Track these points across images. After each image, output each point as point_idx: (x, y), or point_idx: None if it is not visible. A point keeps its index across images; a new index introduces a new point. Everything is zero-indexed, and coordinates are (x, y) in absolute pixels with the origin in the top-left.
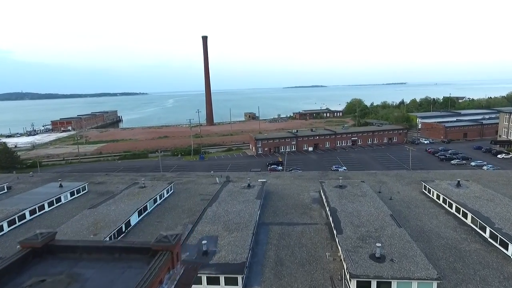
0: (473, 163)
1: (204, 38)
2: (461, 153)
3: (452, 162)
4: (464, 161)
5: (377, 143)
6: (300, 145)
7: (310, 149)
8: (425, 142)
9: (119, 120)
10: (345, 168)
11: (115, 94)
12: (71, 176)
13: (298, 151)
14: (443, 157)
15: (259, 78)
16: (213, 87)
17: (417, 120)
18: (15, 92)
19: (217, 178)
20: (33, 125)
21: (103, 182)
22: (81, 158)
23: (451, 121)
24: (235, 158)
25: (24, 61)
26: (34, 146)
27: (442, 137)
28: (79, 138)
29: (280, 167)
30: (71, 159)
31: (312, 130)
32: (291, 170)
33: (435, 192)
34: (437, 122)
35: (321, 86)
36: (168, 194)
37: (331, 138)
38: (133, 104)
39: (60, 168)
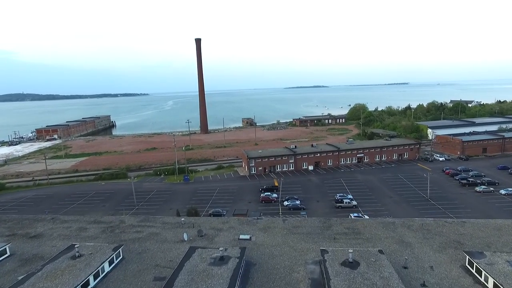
0: (503, 192)
1: (198, 41)
2: (485, 176)
3: (477, 189)
4: (491, 188)
5: (386, 160)
6: (299, 164)
7: (311, 168)
8: (440, 159)
9: (112, 126)
10: (352, 197)
11: (116, 95)
12: (5, 223)
13: (297, 170)
14: (465, 181)
15: (261, 78)
16: (214, 88)
17: (428, 130)
18: (16, 93)
19: (184, 234)
20: (15, 133)
21: (40, 235)
22: (50, 179)
23: (467, 134)
24: (225, 179)
25: (26, 61)
26: (6, 162)
27: (458, 152)
28: (46, 157)
29: (274, 195)
30: (38, 180)
31: (312, 146)
32: (287, 200)
33: (491, 279)
34: (452, 134)
35: (323, 86)
36: (112, 266)
37: (334, 155)
38: (132, 106)
39: (23, 192)
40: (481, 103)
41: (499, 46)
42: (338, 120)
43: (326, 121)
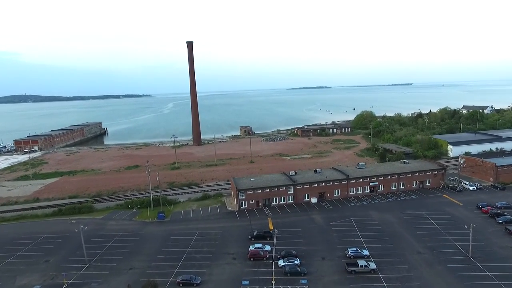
0: None
1: (189, 44)
2: None
3: None
4: None
5: (405, 189)
6: (299, 195)
7: (314, 200)
8: (471, 188)
9: (103, 133)
10: (368, 254)
11: (118, 96)
12: None
13: (297, 203)
14: None
15: (264, 79)
16: (216, 89)
17: (447, 146)
18: (19, 95)
19: None
20: None
21: None
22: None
23: (497, 153)
24: (208, 217)
25: (30, 63)
26: None
27: (491, 179)
28: None
29: (267, 247)
30: None
31: (316, 171)
32: (283, 258)
33: None
34: (480, 155)
35: (326, 87)
36: None
37: (342, 184)
38: (130, 109)
39: None
40: (495, 107)
41: (503, 45)
42: (343, 129)
43: (331, 130)
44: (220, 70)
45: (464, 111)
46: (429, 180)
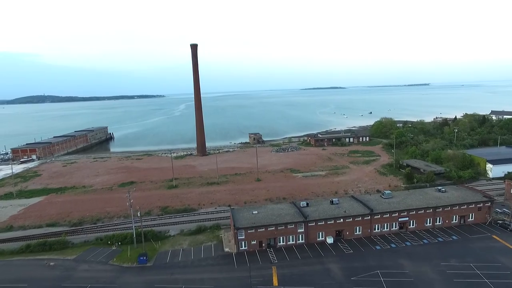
0: None
1: (193, 47)
2: None
3: None
4: None
5: (442, 226)
6: (312, 234)
7: (329, 240)
8: None
9: (109, 138)
10: None
11: (132, 97)
12: None
13: (309, 244)
14: None
15: (277, 79)
16: (229, 89)
17: (486, 165)
18: (37, 95)
19: None
20: None
21: None
22: None
23: None
24: (200, 261)
25: (49, 64)
26: None
27: None
28: None
29: None
30: None
31: (332, 202)
32: None
33: None
34: None
35: (340, 88)
36: None
37: (364, 220)
38: (142, 111)
39: None
40: None
41: None
42: (361, 138)
43: (347, 139)
44: (234, 70)
45: (494, 117)
46: (472, 215)
